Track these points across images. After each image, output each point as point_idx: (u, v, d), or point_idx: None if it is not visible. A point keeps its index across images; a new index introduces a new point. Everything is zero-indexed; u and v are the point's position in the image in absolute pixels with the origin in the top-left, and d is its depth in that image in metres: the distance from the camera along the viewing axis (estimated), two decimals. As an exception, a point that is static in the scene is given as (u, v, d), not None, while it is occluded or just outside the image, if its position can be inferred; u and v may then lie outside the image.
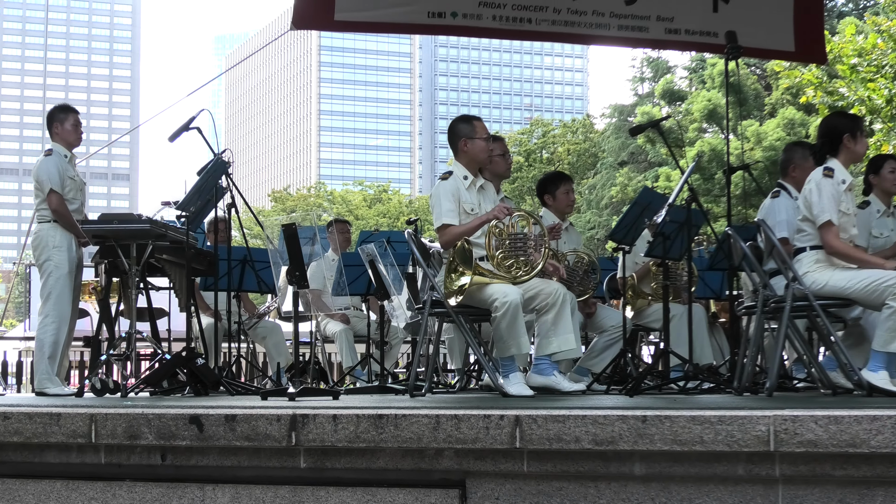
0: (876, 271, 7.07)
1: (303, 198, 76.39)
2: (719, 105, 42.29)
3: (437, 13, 12.50)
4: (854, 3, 44.59)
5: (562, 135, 63.38)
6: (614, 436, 4.59)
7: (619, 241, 9.20)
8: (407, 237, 8.60)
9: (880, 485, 4.41)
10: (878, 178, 8.74)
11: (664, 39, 13.64)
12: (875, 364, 6.98)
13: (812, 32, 14.16)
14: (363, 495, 4.98)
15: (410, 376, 8.48)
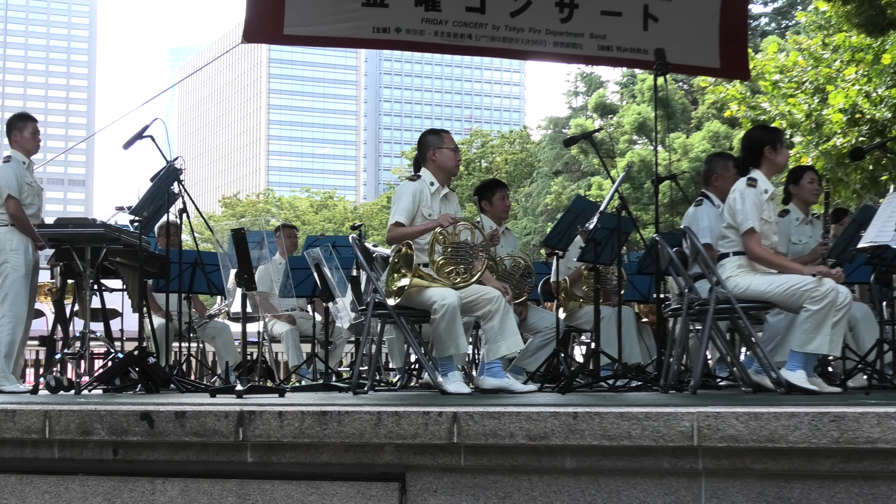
0: (794, 276, 7.14)
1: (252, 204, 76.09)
2: (648, 118, 42.48)
3: (381, 28, 12.53)
4: (776, 22, 44.98)
5: (500, 145, 63.51)
6: (547, 431, 4.60)
7: (553, 247, 9.24)
8: (351, 242, 8.59)
9: (797, 478, 4.45)
10: (798, 188, 8.83)
11: (597, 56, 13.72)
12: (793, 364, 7.05)
13: (736, 50, 14.29)
14: (307, 488, 4.97)
15: (353, 375, 8.48)
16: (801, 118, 21.06)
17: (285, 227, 12.21)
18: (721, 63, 14.13)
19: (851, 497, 4.38)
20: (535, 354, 9.47)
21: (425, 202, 7.77)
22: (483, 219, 9.40)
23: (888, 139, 18.10)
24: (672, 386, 7.44)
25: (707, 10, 13.82)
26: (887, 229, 7.26)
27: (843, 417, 4.32)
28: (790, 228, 8.73)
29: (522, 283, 9.33)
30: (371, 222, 61.23)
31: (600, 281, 8.75)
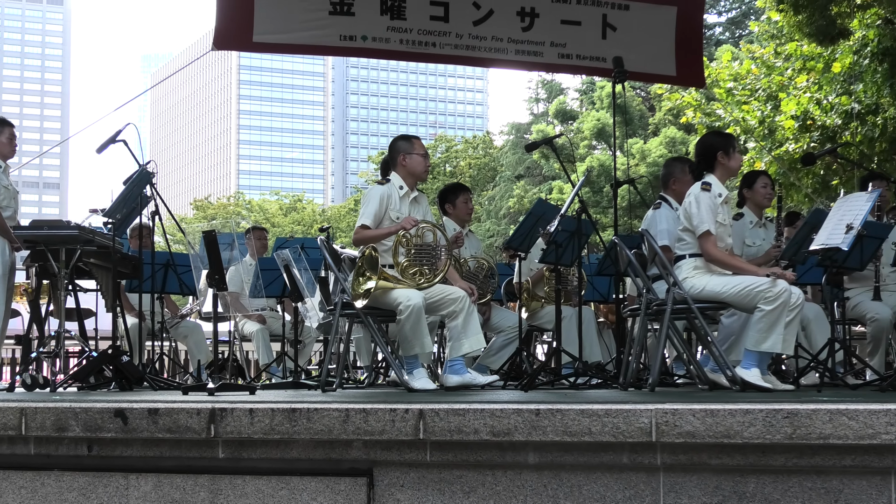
0: (749, 277, 7.17)
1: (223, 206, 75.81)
2: (607, 124, 42.61)
3: (348, 36, 12.53)
4: (730, 32, 45.19)
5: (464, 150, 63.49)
6: (510, 427, 4.60)
7: (516, 249, 9.25)
8: (319, 244, 8.58)
9: (752, 473, 4.47)
10: (752, 192, 8.88)
11: (557, 64, 13.76)
12: (748, 362, 7.07)
13: (692, 59, 14.36)
14: (277, 483, 4.96)
15: (322, 373, 8.46)
16: (755, 124, 21.15)
17: (255, 230, 12.19)
18: (677, 71, 14.21)
19: (804, 491, 4.41)
20: (499, 353, 9.49)
21: (394, 205, 7.78)
22: (447, 221, 9.42)
23: (838, 145, 18.22)
24: (631, 384, 7.45)
25: (663, 20, 13.89)
26: (838, 232, 7.30)
27: (797, 414, 4.34)
28: (744, 231, 8.77)
29: (486, 283, 9.35)
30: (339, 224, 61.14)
31: (561, 282, 8.76)
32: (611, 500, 4.60)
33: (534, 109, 57.01)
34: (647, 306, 7.55)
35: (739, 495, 4.47)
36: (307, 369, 11.19)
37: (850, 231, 7.22)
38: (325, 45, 13.25)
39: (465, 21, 13.27)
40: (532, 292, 9.92)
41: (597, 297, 10.88)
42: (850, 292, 9.00)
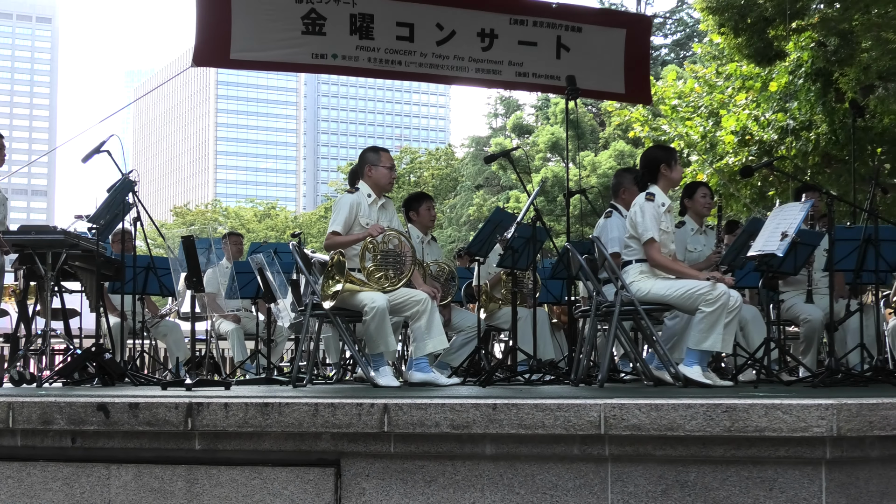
0: (691, 281, 7.20)
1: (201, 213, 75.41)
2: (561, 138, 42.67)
3: (319, 55, 12.53)
4: (675, 53, 45.36)
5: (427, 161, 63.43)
6: (469, 421, 4.60)
7: (475, 254, 9.25)
8: (291, 248, 8.57)
9: (693, 463, 4.48)
10: (692, 201, 8.92)
11: (515, 81, 13.79)
12: (690, 360, 7.10)
13: (639, 77, 14.42)
14: (251, 473, 4.94)
15: (293, 369, 8.44)
16: (697, 139, 21.25)
17: (231, 235, 12.17)
18: (626, 89, 14.28)
19: (742, 480, 4.43)
20: (459, 351, 9.48)
21: (363, 212, 7.76)
22: (411, 228, 9.42)
23: (774, 158, 18.33)
24: (582, 380, 7.46)
25: (613, 42, 13.97)
26: (773, 239, 7.33)
27: (735, 408, 4.36)
28: (686, 238, 8.80)
29: (447, 286, 9.35)
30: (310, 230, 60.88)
31: (517, 285, 8.77)
32: (562, 489, 4.60)
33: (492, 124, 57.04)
34: (596, 308, 7.57)
35: (682, 484, 4.49)
36: (279, 366, 11.15)
37: (784, 238, 7.26)
38: (297, 63, 13.26)
39: (429, 41, 13.30)
40: (490, 294, 9.93)
41: (550, 299, 10.88)
42: (784, 295, 9.06)
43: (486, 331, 9.79)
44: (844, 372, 7.46)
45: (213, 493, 4.98)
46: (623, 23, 14.94)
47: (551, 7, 13.90)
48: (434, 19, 13.35)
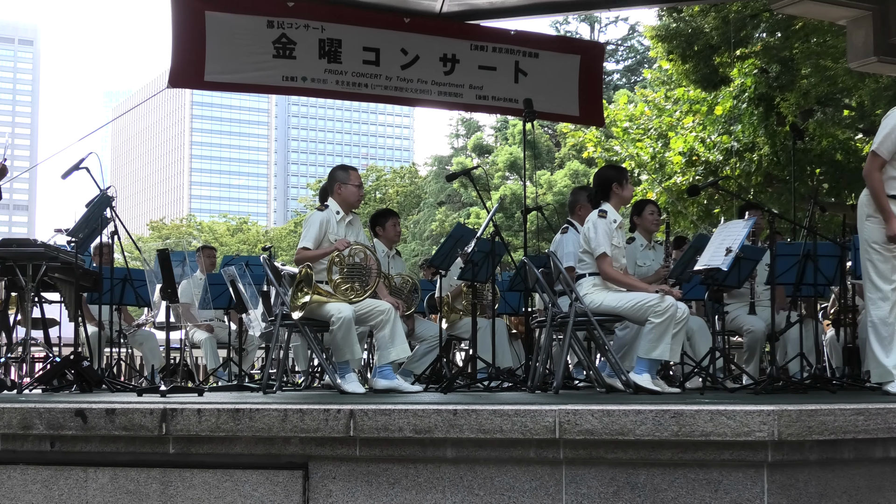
0: (640, 294, 7.23)
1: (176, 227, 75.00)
2: (518, 158, 42.75)
3: (290, 77, 12.53)
4: (627, 78, 45.60)
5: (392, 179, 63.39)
6: (431, 426, 4.60)
7: (437, 267, 9.25)
8: (262, 261, 8.55)
9: (643, 466, 4.49)
10: (641, 218, 8.96)
11: (475, 104, 13.84)
12: (640, 368, 7.13)
13: (593, 101, 14.49)
14: (222, 476, 4.91)
15: (264, 376, 8.42)
16: (647, 159, 21.37)
17: (205, 248, 12.13)
18: (580, 112, 14.35)
19: (689, 482, 4.44)
20: (421, 359, 9.48)
21: (332, 229, 7.75)
22: (377, 242, 9.41)
23: (720, 178, 18.47)
24: (538, 387, 7.47)
25: (568, 67, 14.03)
26: (718, 254, 7.37)
27: (682, 414, 4.38)
28: (636, 253, 8.84)
29: (410, 297, 9.34)
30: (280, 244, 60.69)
31: (477, 296, 8.77)
32: (519, 491, 4.60)
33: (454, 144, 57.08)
34: (552, 319, 7.58)
35: (632, 486, 4.50)
36: (250, 373, 11.09)
37: (729, 254, 7.30)
38: (269, 85, 13.25)
39: (394, 65, 13.34)
40: (451, 305, 9.93)
41: (508, 310, 10.90)
42: (729, 307, 9.11)
43: (447, 340, 9.79)
44: (785, 380, 7.52)
45: (187, 495, 4.95)
46: (577, 49, 15.02)
47: (510, 34, 13.97)
48: (399, 44, 13.38)
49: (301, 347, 10.15)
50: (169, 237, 69.75)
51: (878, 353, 6.56)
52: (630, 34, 46.82)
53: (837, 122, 18.87)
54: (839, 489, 4.52)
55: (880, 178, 6.55)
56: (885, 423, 4.52)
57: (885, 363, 6.53)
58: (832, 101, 18.64)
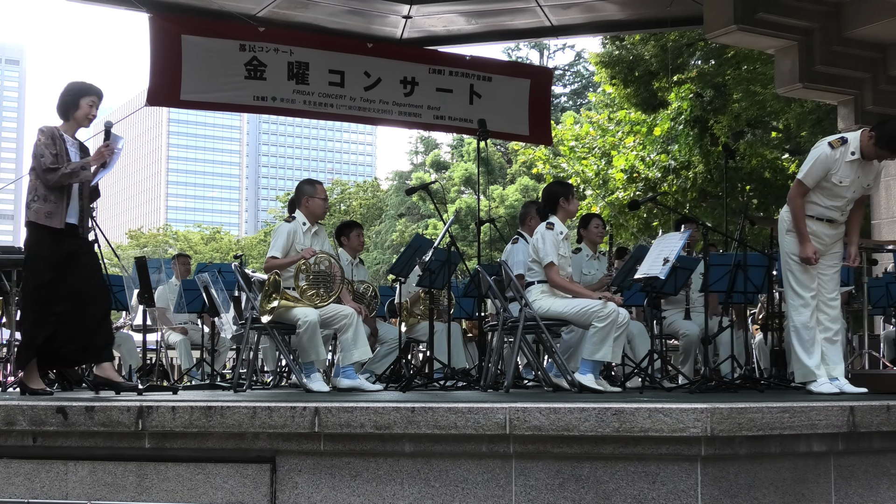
0: (585, 300, 7.25)
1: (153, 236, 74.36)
2: (473, 173, 42.79)
3: (260, 97, 12.54)
4: (573, 100, 45.77)
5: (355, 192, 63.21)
6: (390, 422, 4.59)
7: (398, 274, 9.24)
8: (234, 268, 8.50)
9: (587, 459, 4.50)
10: (587, 231, 8.98)
11: (433, 123, 13.90)
12: (584, 369, 7.14)
13: (542, 122, 14.58)
14: (195, 469, 4.87)
15: (235, 376, 8.36)
16: (592, 176, 21.48)
17: (180, 256, 12.06)
18: (530, 131, 14.44)
19: (628, 474, 4.46)
20: (382, 360, 9.45)
21: (299, 239, 7.72)
22: (341, 252, 9.39)
23: (658, 194, 18.60)
24: (490, 386, 7.47)
25: (519, 90, 14.13)
26: (657, 264, 7.41)
27: (623, 411, 4.40)
28: (582, 262, 8.87)
29: (372, 303, 9.33)
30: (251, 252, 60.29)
31: (434, 302, 8.77)
32: (472, 483, 4.60)
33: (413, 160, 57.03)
34: (503, 323, 7.59)
35: (576, 478, 4.51)
36: (222, 373, 11.02)
37: (666, 263, 7.35)
38: (240, 104, 13.26)
39: (357, 87, 13.38)
40: (410, 310, 9.91)
41: (463, 315, 10.90)
42: (666, 313, 9.17)
43: (406, 342, 9.77)
44: (717, 380, 7.56)
45: (161, 487, 4.91)
46: (528, 74, 15.13)
47: (465, 59, 14.05)
48: (362, 68, 13.42)
49: (270, 349, 10.11)
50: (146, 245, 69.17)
51: (801, 355, 6.66)
52: (576, 60, 46.97)
53: (766, 143, 19.05)
54: (766, 481, 4.55)
55: (802, 203, 6.67)
56: (809, 420, 4.57)
57: (808, 364, 6.63)
58: (761, 123, 18.82)
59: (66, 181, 6.44)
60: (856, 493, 4.79)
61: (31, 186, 6.48)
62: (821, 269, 6.74)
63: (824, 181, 6.63)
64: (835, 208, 6.72)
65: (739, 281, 8.32)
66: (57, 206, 6.43)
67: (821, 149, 6.66)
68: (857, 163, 6.61)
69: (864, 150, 6.61)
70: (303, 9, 13.65)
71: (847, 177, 6.60)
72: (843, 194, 6.68)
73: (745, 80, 17.57)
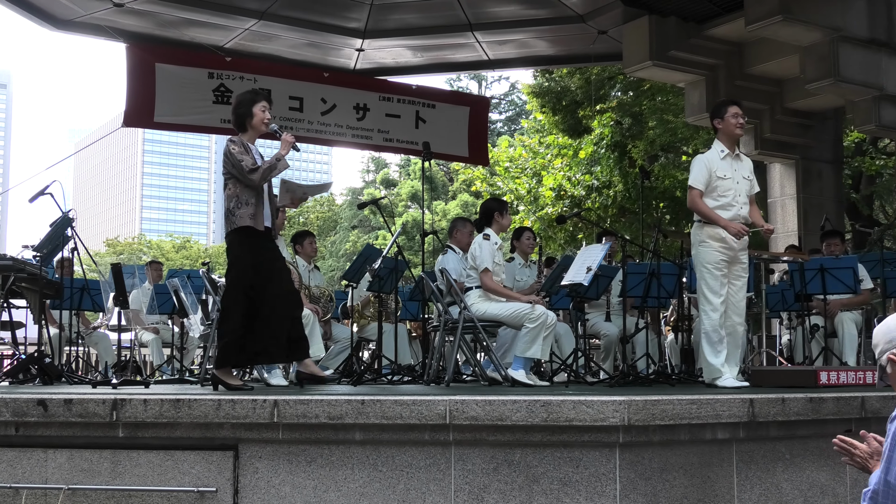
0: (517, 304, 7.28)
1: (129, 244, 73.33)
2: (418, 190, 42.81)
3: (227, 120, 12.45)
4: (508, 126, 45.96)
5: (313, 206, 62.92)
6: (342, 413, 4.56)
7: (350, 280, 9.21)
8: (202, 275, 8.43)
9: (518, 446, 4.51)
10: (519, 242, 9.03)
11: (382, 145, 13.92)
12: (517, 364, 7.16)
13: (480, 145, 14.64)
14: (164, 456, 4.81)
15: (202, 371, 8.27)
16: (524, 193, 21.56)
17: (153, 263, 11.95)
18: (469, 153, 14.48)
19: (555, 459, 4.47)
20: (336, 357, 9.41)
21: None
22: (298, 259, 9.33)
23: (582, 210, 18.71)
24: (432, 380, 7.47)
25: (460, 117, 14.19)
26: (581, 272, 7.46)
27: (550, 403, 4.40)
28: (515, 270, 8.90)
29: (327, 306, 9.28)
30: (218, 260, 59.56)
31: (383, 305, 8.76)
32: (416, 467, 4.59)
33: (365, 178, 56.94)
34: (444, 324, 7.59)
35: (509, 463, 4.51)
36: (190, 369, 10.89)
37: (589, 272, 7.40)
38: (209, 126, 13.19)
39: (315, 112, 13.36)
40: (361, 312, 9.88)
41: (409, 317, 10.89)
42: (589, 315, 9.23)
43: (357, 341, 9.74)
44: (634, 375, 7.62)
45: (134, 472, 4.84)
46: (468, 102, 15.20)
47: (412, 88, 14.10)
48: (319, 95, 13.41)
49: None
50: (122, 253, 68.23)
51: (709, 355, 6.74)
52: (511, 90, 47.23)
53: (677, 166, 19.26)
54: (676, 465, 4.59)
55: (703, 203, 6.77)
56: (714, 410, 4.61)
57: (714, 363, 6.71)
58: (673, 148, 19.04)
59: (268, 175, 6.32)
60: (755, 476, 4.84)
61: (231, 195, 6.32)
62: (731, 278, 6.83)
63: (711, 182, 6.78)
64: (730, 206, 6.81)
65: (654, 287, 8.40)
66: (257, 209, 6.30)
67: (697, 157, 6.97)
68: (729, 158, 6.87)
69: (724, 143, 6.92)
70: (266, 41, 13.61)
71: (726, 171, 6.82)
72: (730, 188, 6.81)
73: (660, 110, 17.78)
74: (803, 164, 13.79)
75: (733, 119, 6.89)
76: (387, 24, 13.43)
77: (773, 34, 11.24)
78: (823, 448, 5.03)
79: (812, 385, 6.26)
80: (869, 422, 5.09)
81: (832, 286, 8.39)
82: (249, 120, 6.50)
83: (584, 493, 4.41)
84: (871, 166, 19.13)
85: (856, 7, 11.24)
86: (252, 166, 6.26)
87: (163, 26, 13.01)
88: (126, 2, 12.09)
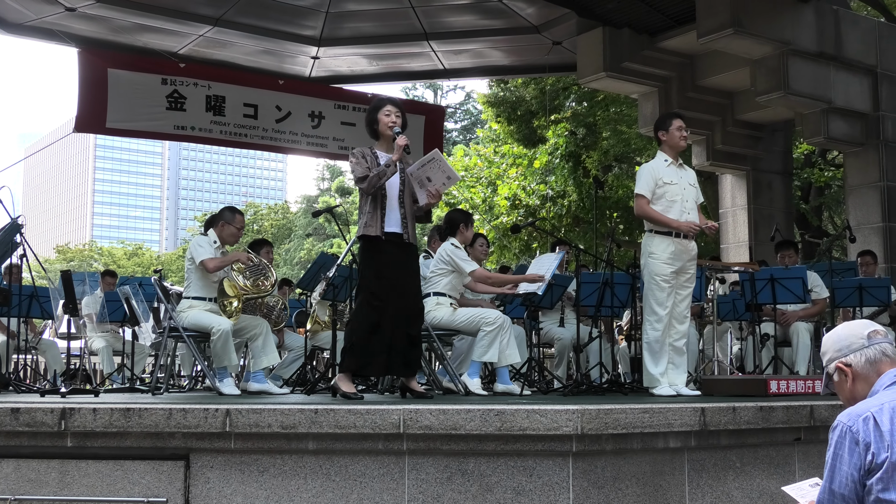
0: (474, 309, 7.31)
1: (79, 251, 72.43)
2: (374, 198, 42.69)
3: (180, 126, 12.38)
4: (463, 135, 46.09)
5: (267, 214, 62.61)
6: (295, 422, 4.53)
7: (304, 288, 9.17)
8: (153, 282, 8.33)
9: (472, 455, 4.50)
10: (472, 249, 9.01)
11: (338, 153, 13.88)
12: (472, 371, 7.17)
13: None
14: (114, 466, 4.73)
15: (153, 380, 8.17)
16: (479, 202, 21.63)
17: (107, 275, 11.78)
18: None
19: (509, 468, 4.47)
20: (290, 366, 9.37)
21: (213, 253, 7.61)
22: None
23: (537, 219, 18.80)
24: (387, 389, 7.45)
25: (415, 125, 14.16)
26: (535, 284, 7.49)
27: (504, 412, 4.40)
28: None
29: (281, 314, 9.22)
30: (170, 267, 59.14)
31: (337, 313, 8.71)
32: (370, 477, 4.56)
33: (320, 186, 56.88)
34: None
35: (463, 472, 4.50)
36: (141, 377, 10.76)
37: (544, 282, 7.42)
38: (162, 132, 13.08)
39: (269, 119, 13.30)
40: (316, 320, 9.83)
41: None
42: (543, 322, 9.26)
43: (311, 349, 9.68)
44: (587, 384, 7.65)
45: (82, 483, 4.76)
46: (423, 111, 15.22)
47: (367, 96, 14.09)
48: (274, 102, 13.35)
49: (186, 355, 9.91)
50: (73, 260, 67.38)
51: (649, 364, 6.86)
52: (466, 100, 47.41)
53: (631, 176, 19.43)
54: (629, 473, 4.61)
55: (651, 209, 6.87)
56: (666, 419, 4.64)
57: (653, 372, 6.84)
58: (626, 158, 19.21)
59: (377, 182, 6.26)
60: (706, 484, 4.88)
61: (360, 206, 6.42)
62: (677, 289, 6.90)
63: (657, 189, 6.91)
64: (680, 211, 6.90)
65: (607, 296, 8.45)
66: (372, 216, 6.28)
67: (642, 166, 7.12)
68: (673, 166, 7.01)
69: (668, 153, 7.06)
70: (221, 48, 13.53)
71: (672, 177, 6.95)
72: (678, 193, 6.92)
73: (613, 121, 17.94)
74: (754, 175, 13.99)
75: (677, 132, 7.03)
76: (342, 33, 13.43)
77: (725, 47, 11.39)
78: (773, 456, 5.09)
79: (762, 394, 6.33)
80: (818, 430, 5.16)
81: (782, 296, 8.50)
82: (377, 126, 6.54)
83: (538, 502, 4.41)
84: (820, 178, 19.45)
85: (805, 21, 11.43)
86: (360, 175, 6.31)
87: (116, 31, 12.90)
88: (78, 6, 11.97)
